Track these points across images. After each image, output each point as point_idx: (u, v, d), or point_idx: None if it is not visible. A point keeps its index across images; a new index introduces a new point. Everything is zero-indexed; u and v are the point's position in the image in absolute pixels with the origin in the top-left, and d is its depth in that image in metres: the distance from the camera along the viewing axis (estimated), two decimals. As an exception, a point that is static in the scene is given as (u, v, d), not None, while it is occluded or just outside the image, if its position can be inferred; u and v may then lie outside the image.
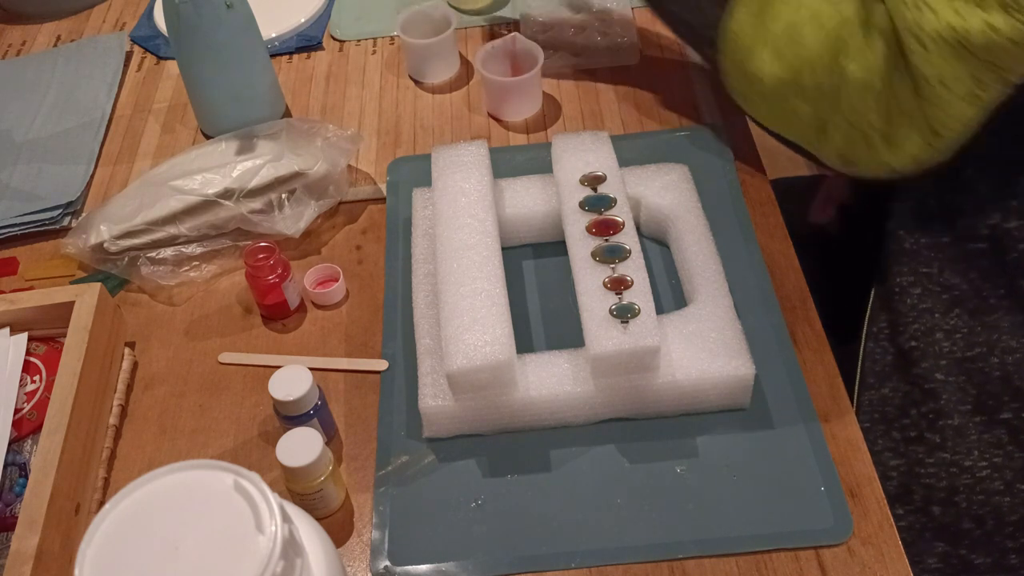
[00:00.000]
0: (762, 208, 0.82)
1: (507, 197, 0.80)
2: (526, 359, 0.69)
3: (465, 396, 0.66)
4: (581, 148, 0.78)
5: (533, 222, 0.80)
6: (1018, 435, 0.71)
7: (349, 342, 0.77)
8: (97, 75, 1.04)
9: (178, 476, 0.46)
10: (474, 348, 0.65)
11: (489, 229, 0.73)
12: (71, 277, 0.84)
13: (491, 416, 0.68)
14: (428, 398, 0.67)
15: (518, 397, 0.67)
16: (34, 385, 0.73)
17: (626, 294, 0.67)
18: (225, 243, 0.84)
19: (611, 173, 0.76)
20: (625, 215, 0.73)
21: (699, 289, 0.72)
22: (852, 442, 0.67)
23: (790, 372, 0.71)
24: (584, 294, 0.68)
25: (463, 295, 0.68)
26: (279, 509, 0.44)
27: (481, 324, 0.66)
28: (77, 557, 0.43)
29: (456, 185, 0.77)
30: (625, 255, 0.70)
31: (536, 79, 0.91)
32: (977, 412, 0.72)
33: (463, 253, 0.71)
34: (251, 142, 0.86)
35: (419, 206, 0.82)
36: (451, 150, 0.80)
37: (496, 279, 0.69)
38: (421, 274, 0.77)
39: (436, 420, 0.68)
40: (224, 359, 0.77)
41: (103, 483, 0.70)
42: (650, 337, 0.64)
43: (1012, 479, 0.72)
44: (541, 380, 0.67)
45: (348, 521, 0.66)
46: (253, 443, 0.71)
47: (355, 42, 1.06)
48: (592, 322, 0.66)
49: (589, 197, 0.74)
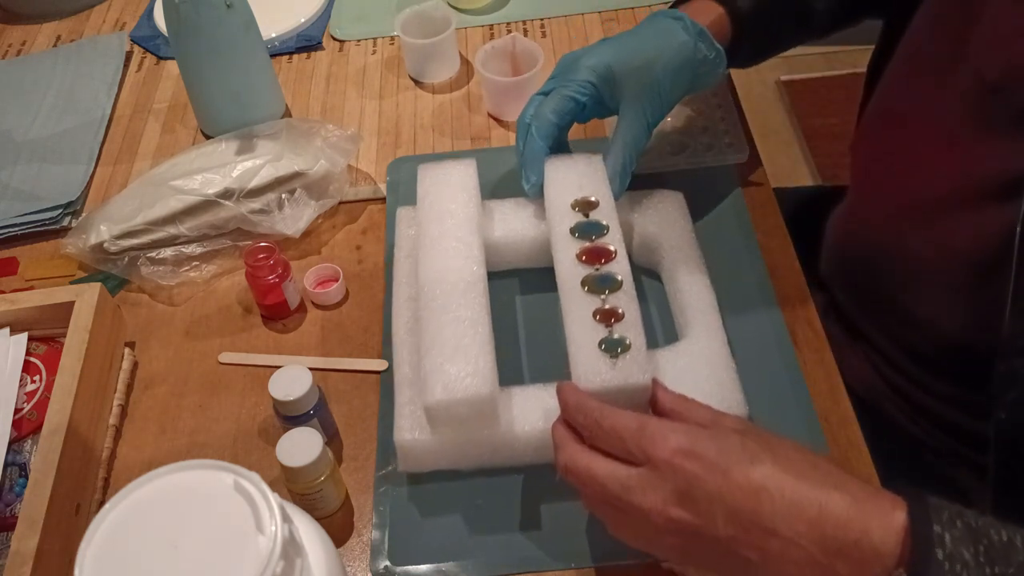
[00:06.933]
0: (762, 208, 0.82)
1: (496, 219, 0.77)
2: (510, 392, 0.66)
3: (444, 430, 0.64)
4: (574, 171, 0.74)
5: (522, 246, 0.76)
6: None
7: (349, 342, 0.77)
8: (97, 75, 1.04)
9: (178, 476, 0.46)
10: (454, 379, 0.61)
11: (475, 253, 0.70)
12: (71, 277, 0.84)
13: (471, 452, 0.65)
14: (404, 431, 0.64)
15: (500, 433, 0.64)
16: (34, 385, 0.73)
17: (616, 327, 0.63)
18: (225, 243, 0.84)
19: (604, 199, 0.72)
20: (617, 243, 0.69)
21: (692, 323, 0.69)
22: (852, 442, 0.67)
23: (790, 372, 0.70)
24: (572, 325, 0.64)
25: (444, 323, 0.65)
26: (279, 509, 0.44)
27: (463, 354, 0.63)
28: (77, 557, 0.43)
29: (442, 205, 0.73)
30: (616, 285, 0.66)
31: (536, 79, 0.91)
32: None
33: (446, 278, 0.68)
34: (251, 142, 0.86)
35: (403, 226, 0.79)
36: (438, 168, 0.77)
37: (480, 307, 0.66)
38: (402, 298, 0.73)
39: (412, 454, 0.65)
40: (224, 359, 0.77)
41: (103, 483, 0.70)
42: (640, 374, 0.60)
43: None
44: (525, 415, 0.64)
45: (348, 521, 0.66)
46: (253, 443, 0.71)
47: (355, 42, 1.06)
48: (580, 356, 0.62)
49: (580, 223, 0.70)
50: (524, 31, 1.05)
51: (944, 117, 0.68)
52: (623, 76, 0.73)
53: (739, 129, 0.88)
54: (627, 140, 0.74)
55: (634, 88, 0.73)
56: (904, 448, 0.79)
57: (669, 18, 0.75)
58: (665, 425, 0.52)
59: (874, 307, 0.81)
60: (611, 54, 0.74)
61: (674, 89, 0.74)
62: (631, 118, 0.74)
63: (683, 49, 0.73)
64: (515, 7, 1.08)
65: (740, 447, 0.51)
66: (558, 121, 0.74)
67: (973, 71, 0.64)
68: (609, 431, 0.53)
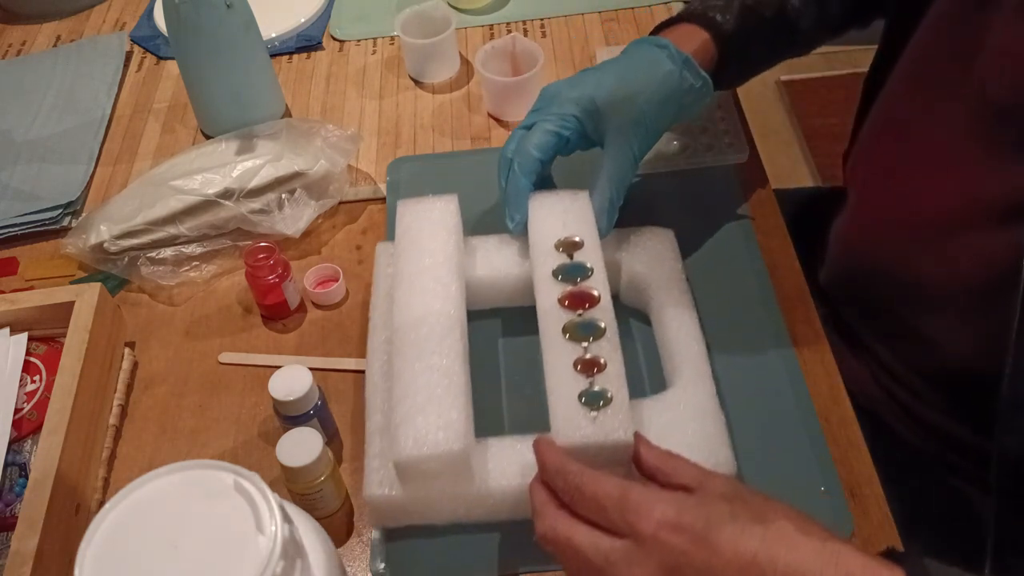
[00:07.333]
0: (762, 208, 0.82)
1: (478, 257, 0.74)
2: (486, 444, 0.63)
3: (415, 486, 0.61)
4: (559, 208, 0.71)
5: (505, 285, 0.73)
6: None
7: (349, 342, 0.77)
8: (97, 75, 1.04)
9: (178, 476, 0.46)
10: (425, 433, 0.58)
11: (453, 295, 0.66)
12: (71, 277, 0.84)
13: (445, 507, 0.63)
14: (374, 485, 0.62)
15: (475, 489, 0.61)
16: (34, 385, 0.73)
17: (598, 378, 0.60)
18: (225, 243, 0.84)
19: (589, 238, 0.69)
20: (601, 287, 0.66)
21: (680, 371, 0.66)
22: (852, 442, 0.67)
23: (790, 372, 0.70)
24: (552, 375, 0.61)
25: (418, 371, 0.62)
26: (279, 509, 0.44)
27: (436, 406, 0.60)
28: (77, 557, 0.43)
29: (421, 244, 0.70)
30: (599, 333, 0.62)
31: (536, 79, 0.91)
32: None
33: (423, 321, 0.64)
34: (251, 142, 0.86)
35: (382, 263, 0.76)
36: (418, 204, 0.73)
37: (456, 354, 0.63)
38: (378, 340, 0.70)
39: (382, 510, 0.63)
40: (224, 359, 0.77)
41: (103, 483, 0.70)
42: (621, 430, 0.57)
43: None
44: (502, 470, 0.61)
45: (348, 521, 0.66)
46: (253, 443, 0.71)
47: (355, 42, 1.06)
48: (559, 409, 0.59)
49: (564, 265, 0.67)
50: (524, 31, 1.05)
51: (947, 135, 0.66)
52: (607, 109, 0.71)
53: (739, 129, 0.88)
54: (613, 175, 0.71)
55: (619, 121, 0.71)
56: (905, 456, 0.78)
57: (653, 46, 0.73)
58: (649, 494, 0.50)
59: (876, 320, 0.80)
60: (594, 86, 0.72)
61: (660, 120, 0.72)
62: (616, 152, 0.71)
63: (668, 79, 0.71)
64: (515, 7, 1.08)
65: (729, 517, 0.48)
66: (541, 156, 0.71)
67: (977, 89, 0.63)
68: (590, 499, 0.51)
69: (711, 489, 0.51)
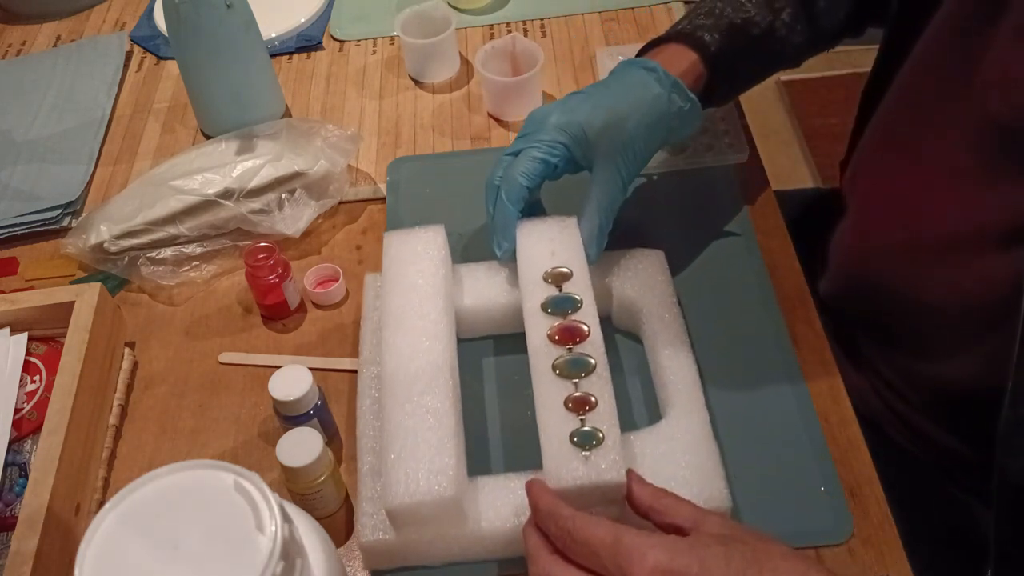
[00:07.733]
0: (762, 208, 0.82)
1: (466, 286, 0.73)
2: (479, 483, 0.62)
3: (408, 530, 0.60)
4: (547, 236, 0.70)
5: (494, 314, 0.72)
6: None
7: (349, 342, 0.77)
8: (97, 75, 1.04)
9: (178, 476, 0.46)
10: (416, 479, 0.57)
11: (442, 332, 0.65)
12: (71, 277, 0.84)
13: (439, 549, 0.62)
14: (367, 530, 0.61)
15: (468, 531, 0.60)
16: (34, 385, 0.73)
17: (589, 416, 0.59)
18: (225, 243, 0.84)
19: (578, 268, 0.68)
20: (591, 320, 0.65)
21: (673, 402, 0.65)
22: (852, 442, 0.67)
23: (790, 372, 0.70)
24: (543, 414, 0.60)
25: (407, 413, 0.61)
26: (279, 509, 0.44)
27: (427, 449, 0.59)
28: (77, 557, 0.43)
29: (407, 279, 0.69)
30: (590, 369, 0.62)
31: (536, 79, 0.91)
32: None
33: (412, 361, 0.63)
34: (251, 142, 0.86)
35: (370, 296, 0.75)
36: (404, 236, 0.72)
37: (445, 395, 0.62)
38: (368, 377, 0.69)
39: (375, 554, 0.62)
40: (224, 359, 0.77)
41: (103, 483, 0.70)
42: (614, 471, 0.57)
43: None
44: (496, 510, 0.61)
45: (348, 521, 0.66)
46: (253, 443, 0.71)
47: (355, 42, 1.06)
48: (551, 450, 0.58)
49: (553, 298, 0.66)
50: (524, 31, 1.05)
51: (948, 155, 0.66)
52: (595, 134, 0.69)
53: (739, 129, 0.88)
54: (602, 201, 0.70)
55: (607, 146, 0.69)
56: (905, 464, 0.78)
57: (641, 69, 0.71)
58: (642, 539, 0.49)
59: (877, 335, 0.79)
60: (582, 111, 0.70)
61: (649, 145, 0.71)
62: (605, 177, 0.70)
63: (657, 103, 0.70)
64: (515, 7, 1.08)
65: (724, 562, 0.47)
66: (528, 184, 0.70)
67: (979, 110, 0.62)
68: (582, 544, 0.50)
69: (706, 530, 0.51)
